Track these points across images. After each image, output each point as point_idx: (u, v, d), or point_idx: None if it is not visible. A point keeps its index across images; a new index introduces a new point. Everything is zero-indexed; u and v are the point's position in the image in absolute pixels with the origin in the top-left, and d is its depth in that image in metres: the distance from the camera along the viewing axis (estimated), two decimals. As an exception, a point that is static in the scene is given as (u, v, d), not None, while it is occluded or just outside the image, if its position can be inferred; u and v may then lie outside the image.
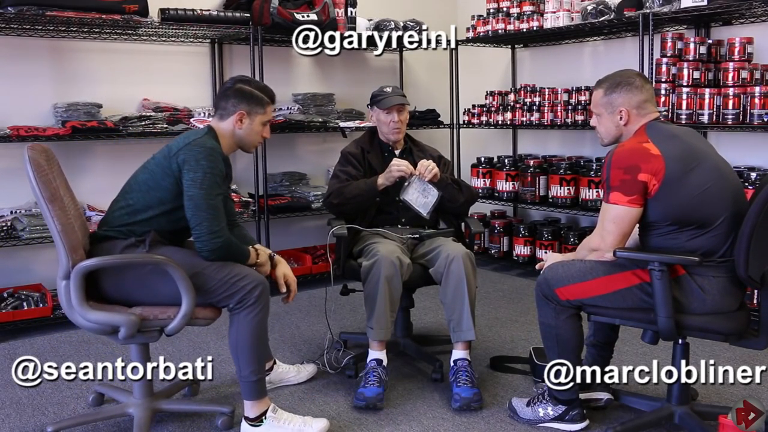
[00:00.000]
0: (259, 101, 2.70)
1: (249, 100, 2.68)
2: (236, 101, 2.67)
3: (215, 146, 2.58)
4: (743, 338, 2.48)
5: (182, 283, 2.42)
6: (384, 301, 2.87)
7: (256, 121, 2.70)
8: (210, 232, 2.48)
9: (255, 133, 2.72)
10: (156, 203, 2.56)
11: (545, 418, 2.67)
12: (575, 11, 4.62)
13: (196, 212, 2.49)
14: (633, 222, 2.42)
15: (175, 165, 2.52)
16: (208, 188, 2.50)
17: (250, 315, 2.50)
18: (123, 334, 2.46)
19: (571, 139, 5.21)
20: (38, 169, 2.41)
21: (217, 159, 2.55)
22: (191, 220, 2.50)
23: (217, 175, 2.54)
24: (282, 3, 4.52)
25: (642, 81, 2.52)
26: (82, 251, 2.48)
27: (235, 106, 2.66)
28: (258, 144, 2.81)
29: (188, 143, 2.55)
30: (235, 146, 2.74)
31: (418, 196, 3.17)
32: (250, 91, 2.69)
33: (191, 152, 2.52)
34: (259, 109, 2.70)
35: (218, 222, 2.50)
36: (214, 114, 2.75)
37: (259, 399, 2.58)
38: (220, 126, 2.69)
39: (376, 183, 3.16)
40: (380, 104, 3.27)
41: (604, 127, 2.59)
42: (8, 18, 3.72)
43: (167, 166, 2.54)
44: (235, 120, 2.67)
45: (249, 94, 2.69)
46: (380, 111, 3.28)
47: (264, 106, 2.71)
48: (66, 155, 3.97)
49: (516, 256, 5.09)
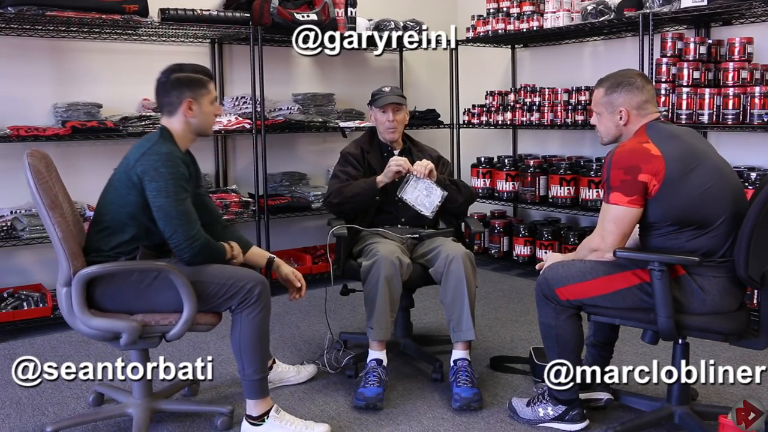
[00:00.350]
0: (199, 83, 2.62)
1: (190, 86, 2.60)
2: (178, 92, 2.59)
3: (171, 149, 2.52)
4: (743, 338, 2.48)
5: (184, 289, 2.42)
6: (384, 301, 2.87)
7: (205, 103, 2.62)
8: (187, 238, 2.46)
9: (208, 115, 2.65)
10: (129, 220, 2.51)
11: (545, 418, 2.67)
12: (575, 11, 4.62)
13: (167, 221, 2.45)
14: (633, 222, 2.42)
15: (136, 177, 2.47)
16: (174, 195, 2.45)
17: (252, 314, 2.50)
18: (125, 340, 2.46)
19: (571, 139, 5.21)
20: (38, 176, 2.41)
21: (176, 162, 2.49)
22: (165, 230, 2.47)
23: (180, 179, 2.48)
24: (282, 3, 4.52)
25: (643, 81, 2.52)
26: (82, 258, 2.48)
27: (179, 96, 2.58)
28: (213, 124, 2.74)
29: (143, 153, 2.49)
30: (193, 136, 2.67)
31: (418, 195, 3.17)
32: (188, 77, 2.61)
33: (148, 162, 2.46)
34: (203, 90, 2.62)
35: (192, 226, 2.48)
36: (161, 113, 2.66)
37: (261, 398, 2.57)
38: (171, 122, 2.62)
39: (376, 181, 3.16)
40: (376, 103, 3.28)
41: (604, 126, 2.58)
42: (8, 18, 3.72)
43: (128, 180, 2.49)
44: (185, 110, 2.59)
45: (188, 80, 2.60)
46: (377, 110, 3.29)
47: (206, 85, 2.63)
48: (66, 155, 3.97)
49: (516, 256, 5.09)
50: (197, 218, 2.53)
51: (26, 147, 2.97)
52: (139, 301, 2.48)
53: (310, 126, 4.77)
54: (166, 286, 2.45)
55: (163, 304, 2.48)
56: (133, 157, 2.51)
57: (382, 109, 3.27)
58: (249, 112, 4.56)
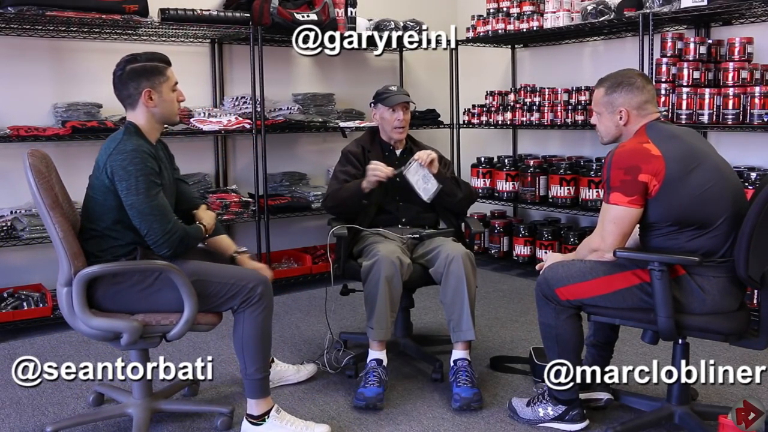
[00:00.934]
0: (156, 71, 2.56)
1: (147, 75, 2.54)
2: (136, 83, 2.53)
3: (137, 145, 2.47)
4: (743, 338, 2.48)
5: (185, 288, 2.42)
6: (384, 301, 2.87)
7: (165, 90, 2.57)
8: (164, 233, 2.45)
9: (169, 102, 2.59)
10: (114, 224, 2.50)
11: (545, 418, 2.67)
12: (575, 11, 4.62)
13: (142, 219, 2.44)
14: (633, 222, 2.42)
15: (107, 179, 2.45)
16: (145, 191, 2.43)
17: (254, 313, 2.50)
18: (126, 340, 2.45)
19: (571, 139, 5.21)
20: (39, 176, 2.41)
21: (144, 157, 2.45)
22: (140, 228, 2.46)
23: (149, 174, 2.45)
24: (282, 3, 4.52)
25: (643, 81, 2.52)
26: (83, 258, 2.47)
27: (137, 88, 2.53)
28: (178, 111, 2.67)
29: (110, 154, 2.47)
30: (159, 125, 2.63)
31: (418, 179, 3.16)
32: (143, 66, 2.55)
33: (115, 162, 2.44)
34: (160, 77, 2.56)
35: (168, 220, 2.47)
36: (124, 107, 2.61)
37: (262, 397, 2.57)
38: (135, 116, 2.58)
39: (362, 186, 3.13)
40: (386, 102, 3.26)
41: (604, 126, 2.58)
42: (8, 18, 3.72)
43: (102, 184, 2.48)
44: (145, 101, 2.54)
45: (142, 69, 2.55)
46: (385, 109, 3.27)
47: (163, 72, 2.58)
48: (66, 155, 3.97)
49: (516, 256, 5.09)
50: (171, 211, 2.52)
51: (26, 147, 2.97)
52: (140, 300, 2.48)
53: (310, 126, 4.77)
54: (167, 285, 2.45)
55: (164, 304, 2.48)
56: (102, 160, 2.50)
57: (392, 108, 3.26)
58: (249, 112, 4.56)
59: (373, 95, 3.36)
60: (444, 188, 3.17)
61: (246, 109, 4.59)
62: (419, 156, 3.13)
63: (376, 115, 3.34)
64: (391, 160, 3.27)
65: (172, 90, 2.61)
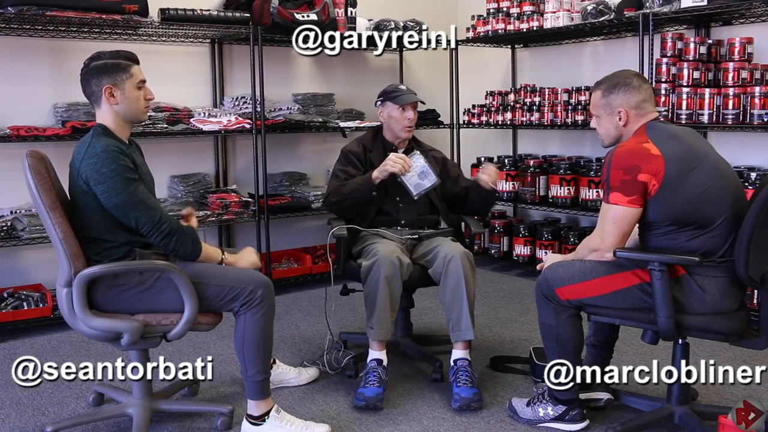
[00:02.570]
0: (117, 68, 2.51)
1: (108, 72, 2.50)
2: (97, 80, 2.50)
3: (107, 145, 2.43)
4: (743, 338, 2.48)
5: (185, 289, 2.42)
6: (384, 301, 2.87)
7: (128, 88, 2.52)
8: (154, 223, 2.44)
9: (133, 100, 2.54)
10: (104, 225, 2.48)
11: (545, 418, 2.67)
12: (575, 11, 4.62)
13: (127, 215, 2.43)
14: (633, 222, 2.42)
15: (84, 184, 2.44)
16: (123, 189, 2.41)
17: (256, 315, 2.49)
18: (126, 340, 2.45)
19: (571, 139, 5.20)
20: (39, 177, 2.40)
21: (115, 156, 2.41)
22: (128, 224, 2.45)
23: (125, 171, 2.42)
24: (282, 3, 4.52)
25: (640, 81, 2.52)
26: (83, 259, 2.46)
27: (98, 85, 2.50)
28: (145, 109, 2.61)
29: (82, 158, 2.45)
30: (127, 124, 2.58)
31: (413, 174, 3.15)
32: (104, 63, 2.52)
33: (87, 166, 2.42)
34: (123, 74, 2.51)
35: (154, 213, 2.45)
36: (92, 107, 2.58)
37: (263, 398, 2.57)
38: (102, 114, 2.55)
39: (372, 177, 3.13)
40: (396, 100, 3.24)
41: (603, 128, 2.58)
42: (8, 18, 3.72)
43: (80, 190, 2.46)
44: (107, 98, 2.50)
45: (104, 66, 2.51)
46: (394, 107, 3.25)
47: (127, 69, 2.52)
48: (66, 155, 3.93)
49: (516, 256, 5.09)
50: (155, 203, 2.50)
51: (26, 147, 2.97)
52: (140, 301, 2.48)
53: (310, 126, 4.77)
54: (167, 286, 2.45)
55: (164, 304, 2.48)
56: (75, 164, 2.48)
57: (403, 107, 3.24)
58: (249, 112, 4.56)
59: (379, 93, 3.33)
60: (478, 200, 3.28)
61: (246, 109, 4.59)
62: (484, 171, 3.19)
63: (383, 113, 3.31)
64: None
65: (137, 88, 2.56)
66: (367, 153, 3.32)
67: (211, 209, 4.43)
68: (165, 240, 2.46)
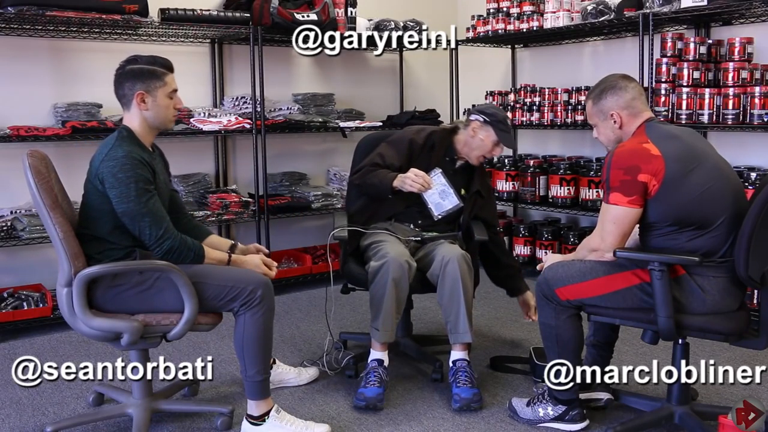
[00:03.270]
0: (153, 75, 2.54)
1: (143, 78, 2.53)
2: (131, 84, 2.52)
3: (128, 151, 2.45)
4: (743, 338, 2.48)
5: (185, 289, 2.42)
6: (391, 303, 2.85)
7: (159, 96, 2.54)
8: (156, 238, 2.45)
9: (164, 108, 2.57)
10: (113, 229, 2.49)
11: (545, 418, 2.67)
12: (575, 11, 4.62)
13: (133, 224, 2.45)
14: (633, 222, 2.42)
15: (99, 184, 2.45)
16: (135, 198, 2.42)
17: (255, 315, 2.49)
18: (126, 340, 2.45)
19: (571, 139, 5.20)
20: (39, 177, 2.41)
21: (135, 165, 2.44)
22: (133, 231, 2.46)
23: (140, 180, 2.44)
24: (282, 3, 4.52)
25: (625, 81, 2.54)
26: (83, 258, 2.47)
27: (131, 89, 2.52)
28: (173, 117, 2.65)
29: (102, 159, 2.46)
30: (152, 129, 2.61)
31: (434, 193, 3.14)
32: (140, 69, 2.54)
33: (106, 168, 2.43)
34: (157, 82, 2.54)
35: (159, 226, 2.46)
36: (122, 108, 2.59)
37: (263, 398, 2.57)
38: (129, 117, 2.57)
39: (391, 181, 3.08)
40: (501, 135, 3.11)
41: (603, 135, 2.61)
42: (8, 18, 3.72)
43: (95, 189, 2.47)
44: (137, 103, 2.53)
45: (140, 71, 2.53)
46: (492, 138, 3.12)
47: (161, 77, 2.55)
48: (66, 155, 3.97)
49: (516, 256, 5.09)
50: (164, 216, 2.50)
51: (26, 147, 2.97)
52: (140, 301, 2.48)
53: (310, 126, 4.77)
54: (167, 286, 2.45)
55: (164, 304, 2.48)
56: (95, 164, 2.50)
57: (498, 143, 3.14)
58: (249, 112, 4.56)
59: (485, 110, 3.17)
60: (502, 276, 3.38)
61: (246, 109, 4.59)
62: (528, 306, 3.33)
63: (477, 131, 3.15)
64: (447, 167, 3.21)
65: (168, 96, 2.58)
66: (429, 149, 3.20)
67: (211, 209, 4.43)
68: (164, 256, 2.47)
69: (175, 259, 2.48)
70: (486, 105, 3.42)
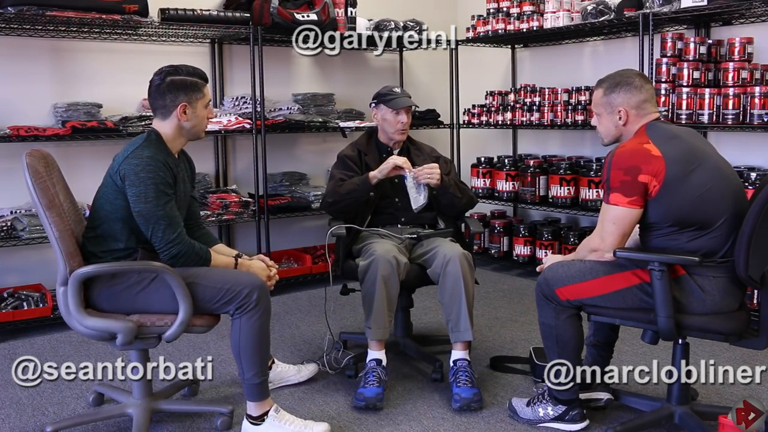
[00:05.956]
0: (195, 87, 2.58)
1: (186, 90, 2.56)
2: (174, 95, 2.55)
3: (154, 154, 2.48)
4: (743, 338, 2.48)
5: (179, 290, 2.42)
6: (381, 300, 2.87)
7: (199, 107, 2.59)
8: (167, 242, 2.46)
9: (201, 119, 2.62)
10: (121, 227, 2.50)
11: (545, 418, 2.67)
12: (575, 11, 4.62)
13: (147, 225, 2.46)
14: (633, 223, 2.42)
15: (119, 181, 2.46)
16: (153, 200, 2.44)
17: (251, 318, 2.48)
18: (120, 340, 2.45)
19: (571, 139, 5.21)
20: (36, 176, 2.41)
21: (158, 167, 2.46)
22: (145, 232, 2.47)
23: (161, 183, 2.45)
24: (282, 3, 4.52)
25: (642, 81, 2.52)
26: (79, 258, 2.48)
27: (174, 100, 2.55)
28: (206, 127, 2.70)
29: (126, 156, 2.48)
30: (185, 139, 2.65)
31: (411, 187, 3.17)
32: (183, 80, 2.56)
33: (129, 166, 2.45)
34: (198, 94, 2.58)
35: (172, 230, 2.47)
36: (154, 115, 2.62)
37: (262, 400, 2.57)
38: (163, 125, 2.59)
39: (369, 177, 3.14)
40: (390, 104, 3.24)
41: (603, 126, 2.59)
42: (8, 18, 3.72)
43: (114, 184, 2.49)
44: (179, 114, 2.55)
45: (182, 83, 2.56)
46: (388, 110, 3.25)
47: (201, 89, 2.60)
48: (66, 155, 3.97)
49: (516, 256, 5.09)
50: (179, 222, 2.51)
51: (26, 147, 2.97)
52: (135, 301, 2.48)
53: (310, 126, 4.77)
54: (162, 287, 2.45)
55: (159, 305, 2.48)
56: (118, 161, 2.51)
57: (396, 111, 3.24)
58: (249, 112, 4.56)
59: (373, 95, 3.33)
60: (443, 200, 3.21)
61: (246, 109, 4.59)
62: (419, 173, 3.13)
63: (377, 116, 3.32)
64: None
65: (205, 107, 2.62)
66: (363, 156, 3.31)
67: (211, 209, 4.43)
68: (171, 261, 2.49)
69: (182, 264, 2.50)
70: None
